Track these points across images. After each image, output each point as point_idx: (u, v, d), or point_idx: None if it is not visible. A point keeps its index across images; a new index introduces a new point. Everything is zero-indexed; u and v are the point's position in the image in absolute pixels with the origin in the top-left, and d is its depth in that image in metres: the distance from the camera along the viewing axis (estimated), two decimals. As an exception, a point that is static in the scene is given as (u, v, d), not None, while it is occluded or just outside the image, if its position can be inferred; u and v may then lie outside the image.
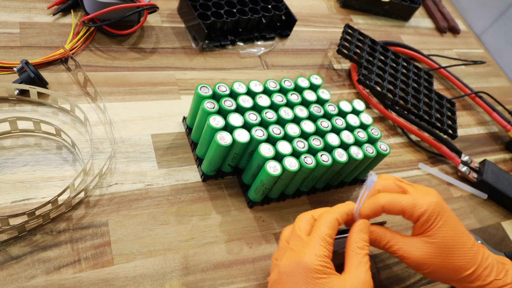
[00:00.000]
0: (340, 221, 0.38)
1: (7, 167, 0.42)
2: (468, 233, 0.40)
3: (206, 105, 0.44)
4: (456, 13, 0.97)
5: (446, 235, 0.39)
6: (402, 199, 0.39)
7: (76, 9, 0.57)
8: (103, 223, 0.42)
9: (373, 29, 0.80)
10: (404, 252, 0.39)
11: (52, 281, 0.37)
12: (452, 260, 0.39)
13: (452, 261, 0.39)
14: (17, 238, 0.39)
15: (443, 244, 0.39)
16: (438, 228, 0.39)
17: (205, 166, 0.46)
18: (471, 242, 0.40)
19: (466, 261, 0.39)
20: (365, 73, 0.65)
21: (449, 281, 0.41)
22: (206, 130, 0.44)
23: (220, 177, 0.49)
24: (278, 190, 0.47)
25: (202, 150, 0.47)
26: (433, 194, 0.40)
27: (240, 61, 0.62)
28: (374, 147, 0.49)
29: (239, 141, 0.42)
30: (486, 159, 0.64)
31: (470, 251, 0.39)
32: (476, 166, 0.63)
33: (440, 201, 0.40)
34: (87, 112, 0.48)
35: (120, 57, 0.55)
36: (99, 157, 0.46)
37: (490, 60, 0.90)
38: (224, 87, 0.46)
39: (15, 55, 0.50)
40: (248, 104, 0.45)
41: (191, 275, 0.42)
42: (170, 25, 0.62)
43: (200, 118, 0.46)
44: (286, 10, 0.67)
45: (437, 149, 0.63)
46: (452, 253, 0.39)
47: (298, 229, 0.38)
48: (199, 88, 0.45)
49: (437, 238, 0.39)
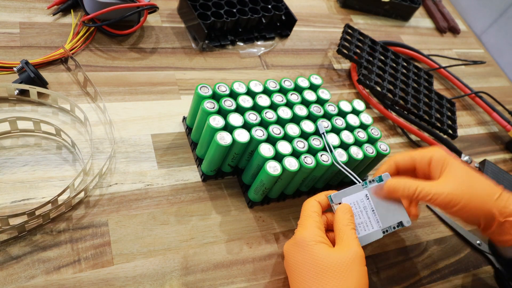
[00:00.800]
0: (321, 203, 0.42)
1: (7, 167, 0.42)
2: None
3: (206, 105, 0.44)
4: (456, 13, 0.97)
5: (464, 168, 0.42)
6: (411, 152, 0.46)
7: (76, 9, 0.57)
8: (103, 223, 0.42)
9: (373, 29, 0.80)
10: (436, 191, 0.40)
11: (52, 281, 0.37)
12: (479, 185, 0.42)
13: (479, 187, 0.41)
14: (17, 238, 0.39)
15: (466, 174, 0.42)
16: (454, 165, 0.42)
17: (205, 166, 0.46)
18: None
19: (491, 186, 0.42)
20: (365, 73, 0.65)
21: (479, 216, 0.41)
22: (206, 130, 0.44)
23: (220, 177, 0.49)
24: (278, 190, 0.47)
25: (202, 150, 0.47)
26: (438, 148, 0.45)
27: (240, 61, 0.62)
28: (374, 147, 0.49)
29: (239, 141, 0.42)
30: (486, 159, 0.64)
31: (489, 181, 0.43)
32: (476, 166, 0.63)
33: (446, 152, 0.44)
34: (87, 112, 0.48)
35: (120, 57, 0.55)
36: (99, 157, 0.46)
37: (490, 60, 0.90)
38: (224, 87, 0.46)
39: (15, 55, 0.50)
40: (248, 104, 0.45)
41: (191, 275, 0.42)
42: (170, 25, 0.62)
43: (200, 118, 0.46)
44: (286, 10, 0.67)
45: (437, 149, 0.63)
46: (476, 180, 0.42)
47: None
48: (199, 88, 0.45)
49: (457, 171, 0.42)
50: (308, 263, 0.38)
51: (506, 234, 0.42)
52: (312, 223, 0.40)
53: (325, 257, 0.37)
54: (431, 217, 0.57)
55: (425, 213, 0.57)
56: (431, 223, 0.56)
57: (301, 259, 0.38)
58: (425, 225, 0.55)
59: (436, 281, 0.50)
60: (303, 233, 0.39)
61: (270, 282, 0.44)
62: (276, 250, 0.46)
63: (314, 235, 0.39)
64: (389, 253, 0.51)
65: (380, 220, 0.42)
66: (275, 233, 0.47)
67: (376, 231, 0.42)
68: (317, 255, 0.37)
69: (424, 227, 0.55)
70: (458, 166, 0.42)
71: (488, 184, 0.42)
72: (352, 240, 0.39)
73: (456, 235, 0.56)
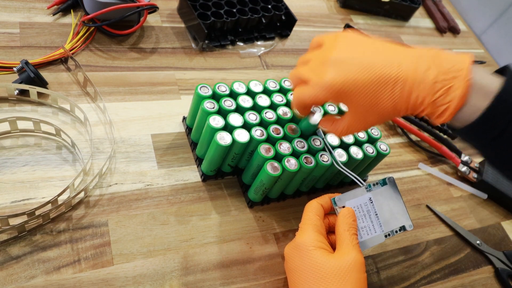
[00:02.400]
0: (324, 206, 0.41)
1: (7, 167, 0.42)
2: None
3: (206, 105, 0.44)
4: (456, 13, 0.97)
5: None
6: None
7: (76, 9, 0.57)
8: (103, 223, 0.42)
9: (373, 29, 0.80)
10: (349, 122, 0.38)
11: (52, 281, 0.37)
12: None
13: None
14: (17, 238, 0.39)
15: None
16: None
17: (205, 166, 0.46)
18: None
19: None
20: None
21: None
22: (206, 130, 0.44)
23: (220, 177, 0.49)
24: (278, 190, 0.47)
25: (202, 150, 0.47)
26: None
27: (240, 61, 0.62)
28: (374, 147, 0.49)
29: (239, 141, 0.42)
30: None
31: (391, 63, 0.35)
32: (476, 166, 0.63)
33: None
34: (87, 112, 0.48)
35: (120, 57, 0.55)
36: (99, 157, 0.46)
37: (490, 60, 0.90)
38: (224, 87, 0.46)
39: (15, 55, 0.50)
40: (248, 104, 0.45)
41: (191, 275, 0.42)
42: (170, 25, 0.62)
43: (200, 118, 0.46)
44: (286, 10, 0.67)
45: (437, 149, 0.63)
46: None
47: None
48: (199, 88, 0.45)
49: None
50: (307, 268, 0.37)
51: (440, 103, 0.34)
52: (313, 227, 0.39)
53: (324, 262, 0.37)
54: (431, 217, 0.57)
55: (425, 213, 0.57)
56: (431, 223, 0.56)
57: (300, 263, 0.38)
58: (425, 225, 0.55)
59: (436, 281, 0.50)
60: (303, 237, 0.39)
61: (270, 282, 0.44)
62: (276, 250, 0.46)
63: (313, 239, 0.38)
64: (389, 253, 0.51)
65: (383, 224, 0.42)
66: (275, 233, 0.47)
67: (379, 235, 0.42)
68: (315, 260, 0.37)
69: (424, 227, 0.55)
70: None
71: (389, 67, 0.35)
72: (352, 247, 0.38)
73: (456, 235, 0.56)
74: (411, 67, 0.34)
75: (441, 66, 0.34)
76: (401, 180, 0.59)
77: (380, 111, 0.36)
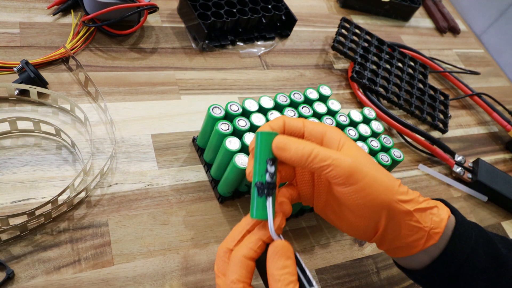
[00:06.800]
0: (254, 256, 0.31)
1: (7, 167, 0.42)
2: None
3: (220, 127, 0.43)
4: (456, 13, 0.97)
5: (364, 151, 0.35)
6: (304, 119, 0.36)
7: (76, 9, 0.57)
8: (103, 223, 0.42)
9: (373, 29, 0.80)
10: (337, 157, 0.31)
11: (52, 281, 0.37)
12: (381, 168, 0.34)
13: (382, 170, 0.34)
14: (17, 238, 0.39)
15: (367, 155, 0.34)
16: (353, 144, 0.34)
17: (222, 188, 0.46)
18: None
19: (389, 174, 0.34)
20: (358, 70, 0.65)
21: (382, 204, 0.32)
22: (223, 153, 0.43)
23: (237, 197, 0.48)
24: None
25: (219, 172, 0.46)
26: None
27: (240, 61, 0.62)
28: (388, 155, 0.49)
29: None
30: (479, 158, 0.64)
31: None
32: (470, 166, 0.63)
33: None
34: (87, 112, 0.48)
35: (120, 57, 0.55)
36: (99, 157, 0.46)
37: (490, 60, 0.90)
38: (236, 106, 0.45)
39: (15, 55, 0.50)
40: (261, 122, 0.45)
41: (191, 275, 0.42)
42: (170, 25, 0.62)
43: (215, 140, 0.45)
44: (286, 10, 0.67)
45: (431, 151, 0.63)
46: (376, 163, 0.34)
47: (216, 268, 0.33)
48: (211, 109, 0.44)
49: (358, 150, 0.33)
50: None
51: (412, 233, 0.33)
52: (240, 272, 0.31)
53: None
54: (431, 217, 0.57)
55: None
56: (431, 223, 0.56)
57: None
58: (425, 225, 0.55)
59: (436, 281, 0.50)
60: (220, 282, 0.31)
61: (270, 282, 0.44)
62: (276, 250, 0.46)
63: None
64: (389, 253, 0.51)
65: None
66: (275, 233, 0.47)
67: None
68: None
69: (424, 227, 0.55)
70: (357, 146, 0.34)
71: (386, 171, 0.34)
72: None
73: (456, 235, 0.56)
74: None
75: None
76: (401, 180, 0.59)
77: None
